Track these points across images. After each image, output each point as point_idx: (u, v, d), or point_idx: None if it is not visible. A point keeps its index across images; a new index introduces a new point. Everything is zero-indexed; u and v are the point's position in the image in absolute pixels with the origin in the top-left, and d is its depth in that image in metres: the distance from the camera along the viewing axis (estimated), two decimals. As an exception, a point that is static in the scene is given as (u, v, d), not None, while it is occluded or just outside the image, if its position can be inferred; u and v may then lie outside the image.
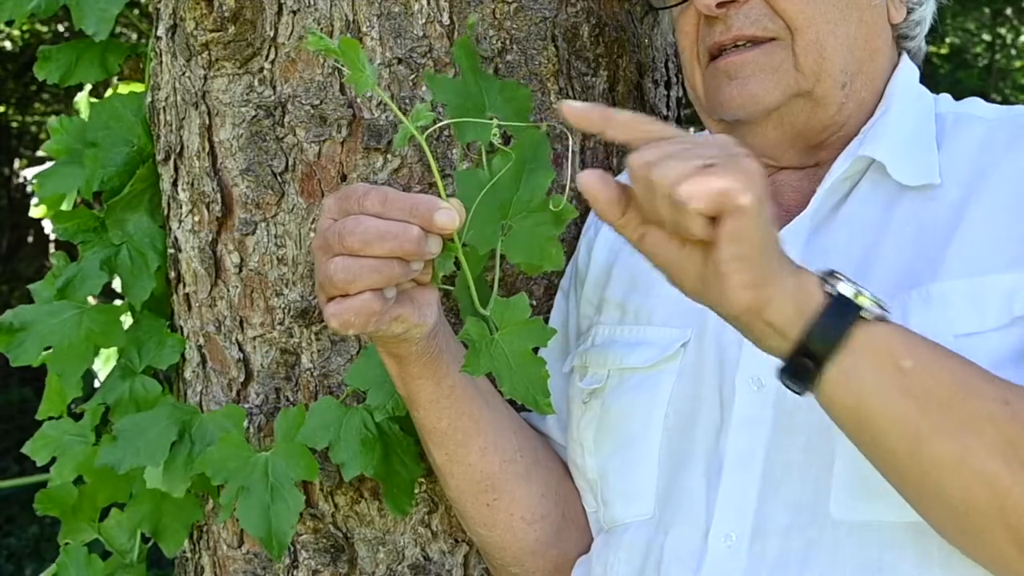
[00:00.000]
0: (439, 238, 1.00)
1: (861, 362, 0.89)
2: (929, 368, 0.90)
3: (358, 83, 1.00)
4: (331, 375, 1.29)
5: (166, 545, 1.38)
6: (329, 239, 0.99)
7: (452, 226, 0.98)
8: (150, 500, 1.35)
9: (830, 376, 0.89)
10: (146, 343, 1.37)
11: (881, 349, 0.89)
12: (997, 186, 1.06)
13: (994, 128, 1.12)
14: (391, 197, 0.99)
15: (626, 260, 1.25)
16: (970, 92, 1.22)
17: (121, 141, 1.41)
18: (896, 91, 1.17)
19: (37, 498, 1.45)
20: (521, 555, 1.21)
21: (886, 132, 1.12)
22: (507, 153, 1.06)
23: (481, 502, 1.19)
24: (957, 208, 1.07)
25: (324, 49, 0.99)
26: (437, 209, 0.98)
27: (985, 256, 1.03)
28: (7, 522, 5.86)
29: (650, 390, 1.14)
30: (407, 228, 0.97)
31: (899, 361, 0.89)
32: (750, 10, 1.12)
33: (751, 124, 1.15)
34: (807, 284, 0.90)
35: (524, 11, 1.30)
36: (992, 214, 1.05)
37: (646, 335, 1.18)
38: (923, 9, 1.22)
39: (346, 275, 0.98)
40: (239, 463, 1.20)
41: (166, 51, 1.37)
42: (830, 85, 1.13)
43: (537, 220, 1.07)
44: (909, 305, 1.03)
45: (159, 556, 1.47)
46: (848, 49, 1.13)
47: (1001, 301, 1.01)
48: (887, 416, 0.90)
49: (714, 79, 1.16)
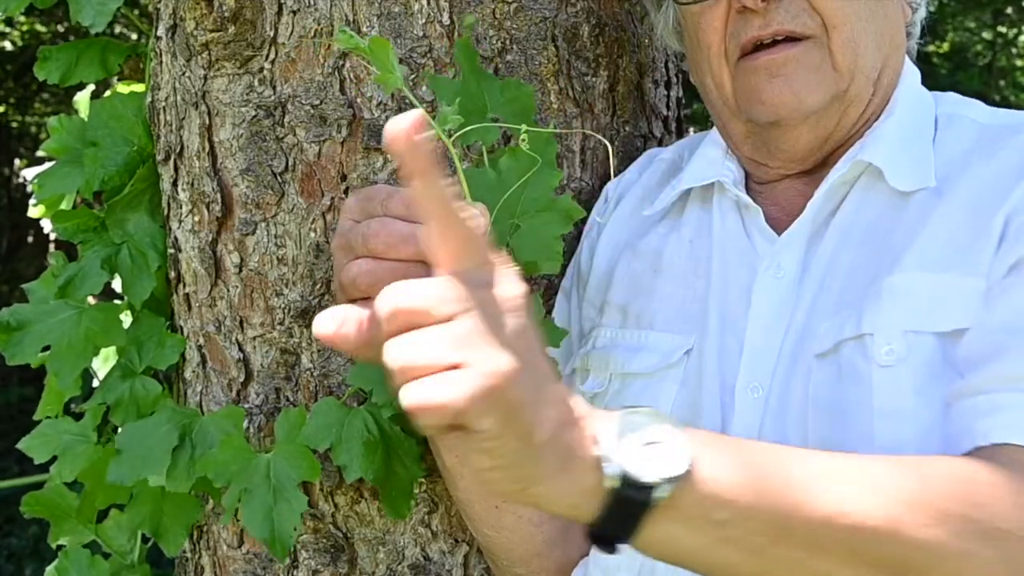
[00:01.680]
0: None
1: (669, 529, 0.83)
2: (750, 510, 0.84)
3: (387, 83, 0.99)
4: (331, 375, 1.29)
5: (167, 545, 1.38)
6: (352, 240, 0.98)
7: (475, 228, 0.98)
8: (150, 501, 1.35)
9: (641, 545, 0.84)
10: (146, 343, 1.36)
11: (687, 513, 0.82)
12: (962, 191, 1.06)
13: (983, 134, 1.11)
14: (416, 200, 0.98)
15: (628, 263, 1.24)
16: (970, 92, 1.22)
17: (121, 141, 1.41)
18: (901, 95, 1.16)
19: (25, 500, 1.44)
20: (527, 556, 1.21)
21: (886, 136, 1.12)
22: (514, 152, 1.06)
23: (490, 504, 1.18)
24: (926, 208, 1.07)
25: (353, 47, 0.98)
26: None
27: (941, 256, 1.03)
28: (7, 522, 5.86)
29: (652, 397, 1.14)
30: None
31: (711, 516, 0.83)
32: (789, 4, 1.09)
33: (786, 127, 1.12)
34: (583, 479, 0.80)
35: (524, 11, 1.30)
36: (952, 217, 1.05)
37: (648, 340, 1.18)
38: (922, 10, 1.23)
39: (370, 279, 0.96)
40: (241, 465, 1.20)
41: (166, 51, 1.37)
42: (863, 83, 1.12)
43: (545, 219, 1.07)
44: (865, 302, 1.04)
45: (159, 556, 1.47)
46: (876, 46, 1.12)
47: (960, 304, 1.01)
48: (718, 565, 0.86)
49: (750, 76, 1.12)
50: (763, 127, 1.14)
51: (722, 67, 1.15)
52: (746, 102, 1.13)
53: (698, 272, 1.18)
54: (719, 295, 1.15)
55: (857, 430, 1.01)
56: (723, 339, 1.12)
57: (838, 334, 1.05)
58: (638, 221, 1.27)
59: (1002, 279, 1.00)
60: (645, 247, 1.24)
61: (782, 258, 1.12)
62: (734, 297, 1.14)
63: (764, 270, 1.12)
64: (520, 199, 1.06)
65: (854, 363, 1.03)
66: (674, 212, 1.24)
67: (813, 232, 1.12)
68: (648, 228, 1.25)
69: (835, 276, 1.09)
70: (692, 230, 1.21)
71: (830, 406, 1.03)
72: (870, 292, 1.04)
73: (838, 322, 1.06)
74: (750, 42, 1.11)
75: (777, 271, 1.12)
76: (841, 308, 1.06)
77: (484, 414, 0.73)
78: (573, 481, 0.80)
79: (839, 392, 1.03)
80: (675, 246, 1.22)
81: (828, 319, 1.07)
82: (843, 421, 1.02)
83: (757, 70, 1.11)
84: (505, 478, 0.78)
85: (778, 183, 1.19)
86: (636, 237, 1.26)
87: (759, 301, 1.11)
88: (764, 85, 1.11)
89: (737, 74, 1.13)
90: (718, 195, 1.21)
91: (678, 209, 1.24)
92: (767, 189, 1.20)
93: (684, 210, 1.24)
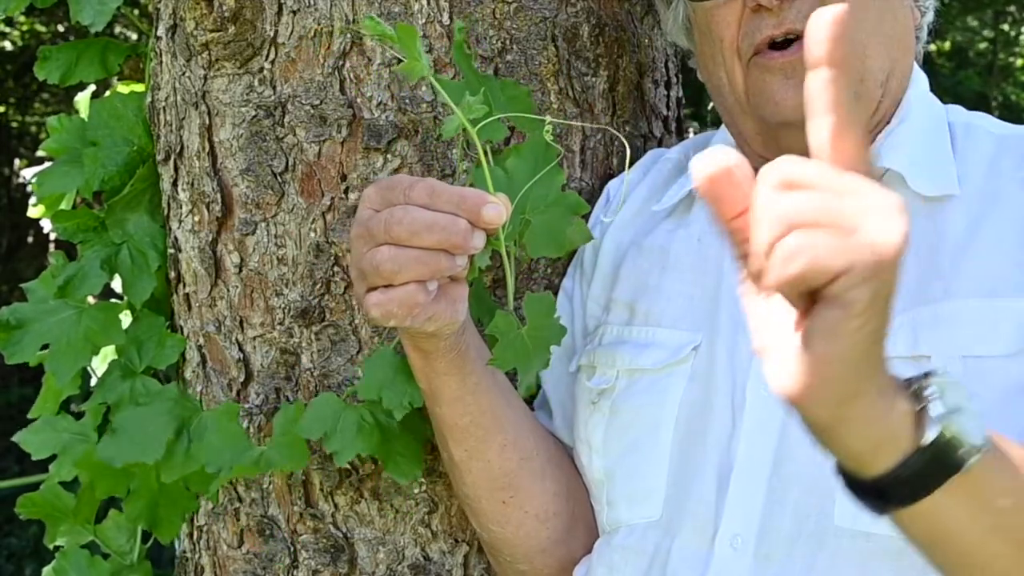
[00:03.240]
0: (483, 233, 0.98)
1: (950, 504, 0.78)
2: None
3: (412, 71, 0.99)
4: (331, 375, 1.29)
5: (162, 534, 1.37)
6: (373, 228, 0.98)
7: (499, 221, 0.97)
8: (147, 495, 1.35)
9: (913, 513, 0.78)
10: (146, 343, 1.36)
11: (975, 490, 0.78)
12: (1006, 209, 1.06)
13: (1002, 145, 1.11)
14: (438, 189, 0.97)
15: (634, 260, 1.24)
16: (972, 92, 1.22)
17: (121, 141, 1.41)
18: (913, 98, 1.16)
19: (20, 502, 1.43)
20: (531, 552, 1.21)
21: (904, 141, 1.11)
22: (519, 150, 1.06)
23: (497, 499, 1.19)
24: (970, 225, 1.06)
25: (381, 35, 0.98)
26: (486, 203, 0.97)
27: (996, 278, 1.02)
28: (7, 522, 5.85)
29: (660, 393, 1.14)
30: (455, 220, 0.96)
31: (994, 501, 0.79)
32: (803, 4, 1.09)
33: (798, 128, 1.12)
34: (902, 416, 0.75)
35: (524, 11, 1.30)
36: (1001, 237, 1.04)
37: (656, 337, 1.18)
38: (930, 14, 1.23)
39: (393, 265, 0.96)
40: (235, 453, 1.21)
41: (166, 51, 1.37)
42: (872, 84, 1.11)
43: (554, 213, 1.08)
44: (919, 323, 1.02)
45: (159, 556, 1.47)
46: (887, 48, 1.12)
47: (1012, 327, 1.00)
48: (973, 553, 0.81)
49: (765, 75, 1.11)
50: (774, 126, 1.13)
51: (735, 64, 1.14)
52: (758, 101, 1.13)
53: (707, 270, 1.18)
54: (729, 294, 1.14)
55: None
56: (734, 338, 1.12)
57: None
58: (643, 219, 1.27)
59: None
60: (651, 244, 1.24)
61: None
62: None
63: None
64: (530, 196, 1.07)
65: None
66: (681, 210, 1.24)
67: None
68: (654, 225, 1.25)
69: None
70: (701, 228, 1.21)
71: None
72: (924, 313, 1.02)
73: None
74: (764, 41, 1.10)
75: None
76: None
77: (864, 282, 0.67)
78: (891, 412, 0.74)
79: None
80: (682, 243, 1.22)
81: None
82: None
83: (772, 70, 1.10)
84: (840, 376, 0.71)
85: None
86: (642, 235, 1.26)
87: None
88: (779, 86, 1.10)
89: (750, 71, 1.13)
90: None
91: (685, 207, 1.24)
92: None
93: (692, 208, 1.24)
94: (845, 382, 0.71)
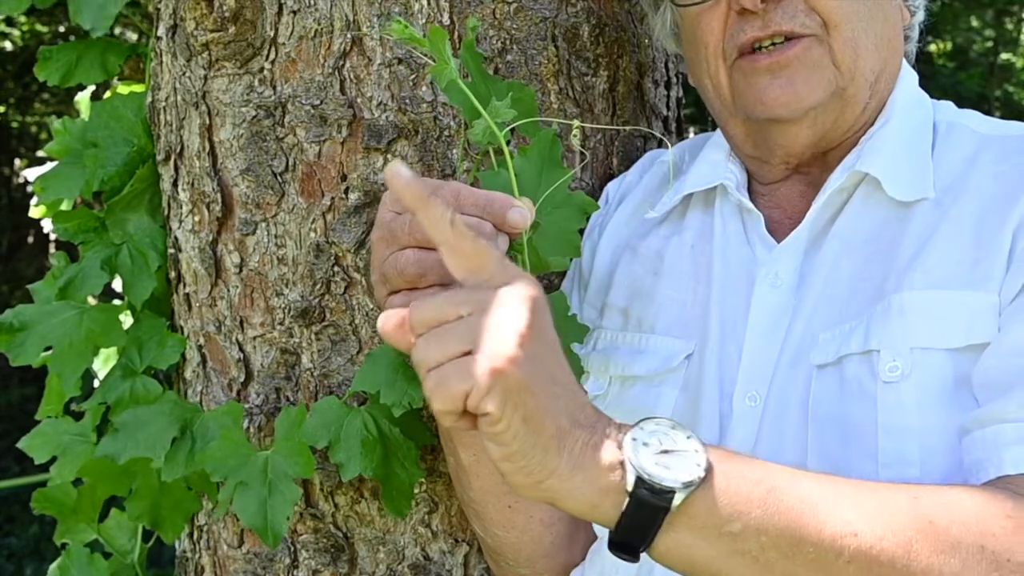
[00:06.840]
0: (507, 237, 0.98)
1: (684, 538, 0.84)
2: (763, 523, 0.85)
3: (441, 74, 0.99)
4: (331, 375, 1.29)
5: (165, 534, 1.38)
6: (396, 231, 0.97)
7: (524, 224, 0.97)
8: (149, 494, 1.35)
9: (658, 554, 0.86)
10: (146, 343, 1.36)
11: (700, 523, 0.84)
12: (971, 202, 1.06)
13: (985, 144, 1.11)
14: (464, 192, 0.97)
15: (628, 265, 1.24)
16: (972, 91, 1.23)
17: (121, 141, 1.41)
18: (898, 99, 1.16)
19: (35, 497, 1.45)
20: (534, 557, 1.21)
21: (883, 145, 1.12)
22: (525, 152, 1.06)
23: (504, 503, 1.18)
24: (930, 221, 1.06)
25: (409, 38, 0.97)
26: (512, 207, 0.96)
27: (950, 271, 1.03)
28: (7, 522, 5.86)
29: (652, 402, 1.14)
30: (481, 224, 0.96)
31: (725, 526, 0.84)
32: (788, 5, 1.09)
33: (786, 124, 1.12)
34: (601, 478, 0.82)
35: (524, 11, 1.30)
36: (960, 230, 1.05)
37: (648, 344, 1.18)
38: (920, 13, 1.23)
39: (418, 268, 0.95)
40: (239, 460, 1.20)
41: (166, 51, 1.37)
42: (861, 84, 1.12)
43: (563, 215, 1.07)
44: (872, 318, 1.03)
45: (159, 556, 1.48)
46: (876, 47, 1.13)
47: (963, 323, 1.00)
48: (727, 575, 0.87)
49: (749, 76, 1.12)
50: (761, 123, 1.14)
51: (719, 67, 1.15)
52: (744, 101, 1.13)
53: (699, 277, 1.18)
54: (720, 302, 1.15)
55: (860, 446, 1.00)
56: (723, 346, 1.12)
57: (842, 346, 1.04)
58: (639, 223, 1.27)
59: (1012, 301, 0.99)
60: (646, 249, 1.24)
61: (779, 267, 1.12)
62: (734, 304, 1.14)
63: (762, 278, 1.13)
64: (537, 197, 1.06)
65: (860, 379, 1.02)
66: (676, 215, 1.24)
67: (811, 241, 1.12)
68: (649, 230, 1.25)
69: (836, 285, 1.09)
70: (694, 234, 1.21)
71: (833, 420, 1.03)
72: (877, 308, 1.04)
73: (841, 333, 1.05)
74: (749, 43, 1.11)
75: (775, 280, 1.12)
76: (844, 318, 1.06)
77: (489, 396, 0.77)
78: (589, 480, 0.82)
79: (842, 407, 1.03)
80: (676, 249, 1.22)
81: (829, 328, 1.06)
82: (846, 436, 1.02)
83: (758, 71, 1.11)
84: (519, 469, 0.80)
85: (780, 185, 1.19)
86: (637, 239, 1.26)
87: (757, 310, 1.11)
88: (766, 85, 1.11)
89: (734, 73, 1.13)
90: (720, 199, 1.20)
91: (680, 212, 1.24)
92: (770, 191, 1.20)
93: (686, 213, 1.23)
94: (529, 471, 0.80)
